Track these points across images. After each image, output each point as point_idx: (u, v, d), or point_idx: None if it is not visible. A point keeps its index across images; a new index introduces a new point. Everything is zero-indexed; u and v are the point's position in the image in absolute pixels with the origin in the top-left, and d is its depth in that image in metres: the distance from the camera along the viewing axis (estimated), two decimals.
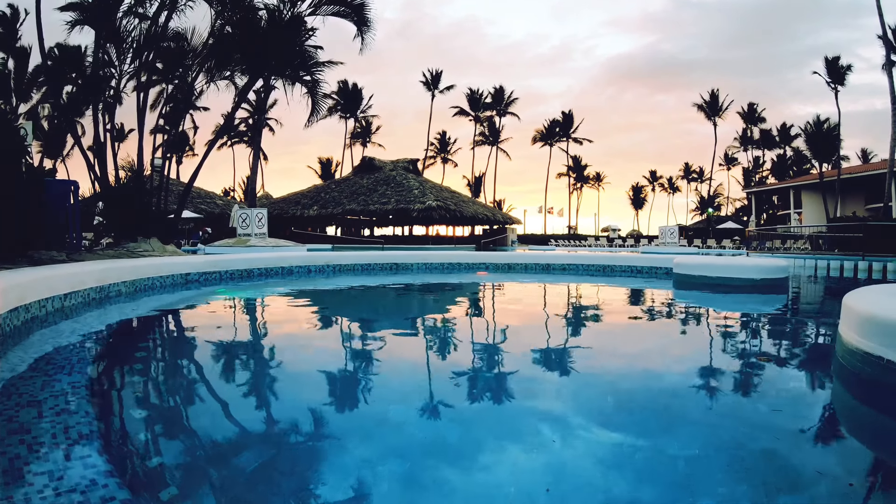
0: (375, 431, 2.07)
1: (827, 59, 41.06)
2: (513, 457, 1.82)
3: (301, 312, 5.78)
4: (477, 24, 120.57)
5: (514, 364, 3.35)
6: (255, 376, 3.02)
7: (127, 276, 5.26)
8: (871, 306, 2.55)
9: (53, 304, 3.89)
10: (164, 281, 5.99)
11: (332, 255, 8.92)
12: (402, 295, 7.66)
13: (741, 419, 2.25)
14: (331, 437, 2.06)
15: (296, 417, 2.27)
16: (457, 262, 9.89)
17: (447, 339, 4.43)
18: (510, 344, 4.09)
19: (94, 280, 4.64)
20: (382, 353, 3.64)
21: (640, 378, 2.97)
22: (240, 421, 2.21)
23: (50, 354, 2.96)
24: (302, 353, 3.65)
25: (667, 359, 3.53)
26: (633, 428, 2.13)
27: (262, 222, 18.40)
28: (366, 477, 1.66)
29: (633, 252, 28.67)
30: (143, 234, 7.41)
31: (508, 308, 6.58)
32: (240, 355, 3.59)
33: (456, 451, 1.92)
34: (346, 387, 2.82)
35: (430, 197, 30.95)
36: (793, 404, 2.50)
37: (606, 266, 9.47)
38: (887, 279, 10.62)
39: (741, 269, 6.52)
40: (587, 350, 3.90)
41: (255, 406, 2.45)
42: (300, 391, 2.68)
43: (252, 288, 7.13)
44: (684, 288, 6.99)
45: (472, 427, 2.17)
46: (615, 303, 6.87)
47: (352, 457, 1.84)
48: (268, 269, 7.83)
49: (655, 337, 4.43)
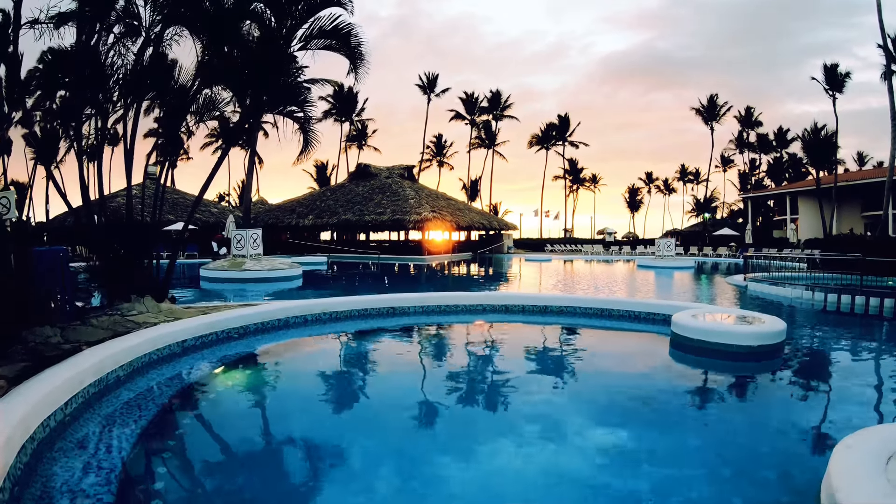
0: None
1: (826, 66, 41.10)
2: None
3: (307, 371, 6.19)
4: (472, 22, 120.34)
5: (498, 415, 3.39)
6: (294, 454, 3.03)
7: (123, 359, 5.23)
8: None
9: (55, 418, 3.86)
10: (160, 353, 5.95)
11: (328, 303, 8.88)
12: (400, 341, 8.09)
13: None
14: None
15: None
16: (454, 304, 9.86)
17: (447, 386, 5.15)
18: (495, 395, 4.59)
19: (92, 373, 4.61)
20: (385, 400, 3.95)
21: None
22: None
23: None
24: (334, 427, 4.14)
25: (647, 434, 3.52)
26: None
27: (256, 243, 18.36)
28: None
29: (632, 258, 28.65)
30: (136, 291, 7.35)
31: (501, 357, 7.18)
32: (259, 430, 3.92)
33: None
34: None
35: (426, 207, 30.90)
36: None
37: (604, 310, 9.46)
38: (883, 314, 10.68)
39: (739, 336, 6.52)
40: (575, 417, 3.93)
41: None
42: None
43: (250, 349, 7.11)
44: (681, 350, 6.99)
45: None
46: (608, 360, 6.94)
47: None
48: (264, 324, 7.81)
49: (641, 412, 4.54)
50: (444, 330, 8.98)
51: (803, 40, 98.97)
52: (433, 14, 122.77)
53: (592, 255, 39.12)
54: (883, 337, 9.18)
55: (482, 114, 59.88)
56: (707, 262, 35.62)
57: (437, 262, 32.21)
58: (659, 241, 27.52)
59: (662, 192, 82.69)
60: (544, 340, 8.44)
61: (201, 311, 7.93)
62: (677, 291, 15.98)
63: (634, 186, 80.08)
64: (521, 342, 8.29)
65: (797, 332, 8.87)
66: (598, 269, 26.90)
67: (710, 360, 6.60)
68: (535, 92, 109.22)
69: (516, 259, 35.44)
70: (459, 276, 23.45)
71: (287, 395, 5.57)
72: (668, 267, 24.85)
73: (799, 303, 12.49)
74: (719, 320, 7.17)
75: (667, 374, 6.39)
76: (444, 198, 39.15)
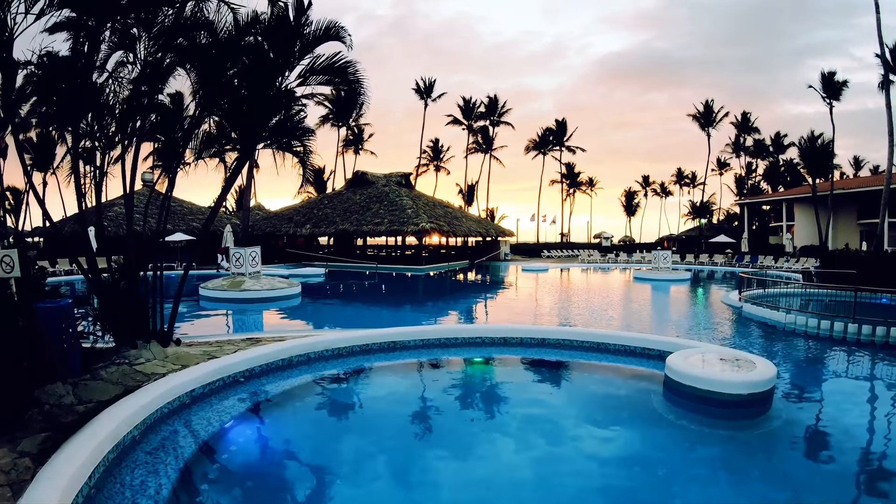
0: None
1: (823, 74, 41.45)
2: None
3: (314, 413, 6.67)
4: (469, 22, 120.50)
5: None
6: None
7: (137, 419, 5.39)
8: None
9: (82, 494, 4.02)
10: (171, 406, 6.12)
11: (330, 339, 9.06)
12: (402, 377, 8.64)
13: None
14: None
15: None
16: (453, 338, 10.05)
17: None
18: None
19: (110, 440, 4.75)
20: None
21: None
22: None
23: None
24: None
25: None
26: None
27: (255, 261, 18.54)
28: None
29: (628, 266, 28.89)
30: (141, 336, 7.52)
31: (495, 397, 7.66)
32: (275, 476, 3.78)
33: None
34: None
35: (424, 218, 31.08)
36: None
37: (600, 343, 9.67)
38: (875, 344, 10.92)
39: (729, 385, 6.73)
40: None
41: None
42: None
43: (257, 391, 7.31)
44: (674, 393, 7.20)
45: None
46: (601, 401, 7.15)
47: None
48: (268, 365, 8.01)
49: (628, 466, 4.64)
50: (443, 367, 9.21)
51: (800, 41, 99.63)
52: (430, 14, 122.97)
53: (589, 262, 39.33)
54: (873, 372, 9.41)
55: (479, 119, 60.10)
56: (703, 270, 35.94)
57: (434, 271, 32.42)
58: (655, 253, 27.78)
59: (659, 196, 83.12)
60: (540, 379, 8.66)
61: (205, 350, 8.11)
62: (673, 316, 16.15)
63: (631, 190, 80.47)
64: (517, 379, 8.53)
65: (789, 373, 9.08)
66: (595, 282, 27.14)
67: (702, 406, 6.81)
68: (532, 92, 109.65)
69: (513, 267, 35.67)
70: (454, 293, 23.67)
71: (298, 437, 5.98)
72: (665, 280, 25.09)
73: (793, 328, 12.72)
74: (711, 365, 7.35)
75: (657, 424, 6.58)
76: (441, 206, 39.34)
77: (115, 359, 6.97)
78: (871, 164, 70.71)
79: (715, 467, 5.35)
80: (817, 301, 15.54)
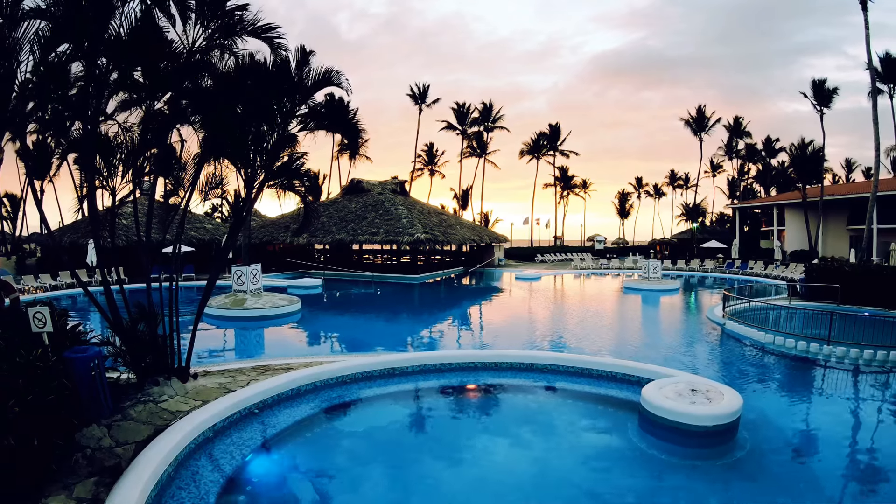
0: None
1: (814, 81, 42.41)
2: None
3: (330, 443, 7.46)
4: (463, 21, 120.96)
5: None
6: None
7: (171, 457, 6.06)
8: None
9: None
10: (196, 441, 6.79)
11: (334, 368, 9.77)
12: (400, 405, 9.27)
13: None
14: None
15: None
16: (448, 363, 10.78)
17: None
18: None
19: (153, 480, 5.42)
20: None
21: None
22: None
23: None
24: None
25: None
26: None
27: (256, 278, 19.18)
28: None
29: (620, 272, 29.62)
30: (161, 372, 8.19)
31: (487, 423, 8.39)
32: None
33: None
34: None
35: (419, 228, 31.79)
36: None
37: (584, 369, 10.41)
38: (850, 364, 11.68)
39: (695, 417, 7.47)
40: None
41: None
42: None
43: (273, 421, 8.04)
44: (648, 423, 7.93)
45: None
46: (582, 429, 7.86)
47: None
48: (279, 395, 8.72)
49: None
50: (436, 392, 9.95)
51: (795, 39, 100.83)
52: (424, 11, 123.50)
53: (582, 269, 40.08)
54: (844, 396, 10.16)
55: (473, 125, 60.80)
56: (694, 276, 36.80)
57: (430, 279, 33.18)
58: (645, 262, 28.61)
59: (652, 197, 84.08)
60: (533, 403, 9.40)
61: (220, 381, 8.81)
62: (657, 335, 16.78)
63: (624, 192, 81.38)
64: (512, 404, 9.28)
65: (760, 400, 9.72)
66: (586, 293, 27.93)
67: (673, 436, 7.55)
68: (525, 91, 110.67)
69: (506, 275, 36.41)
70: (449, 307, 24.37)
71: (310, 463, 6.81)
72: (654, 290, 25.91)
73: (772, 348, 13.50)
74: (682, 397, 8.07)
75: (631, 452, 7.33)
76: (436, 213, 40.04)
77: (139, 396, 7.66)
78: (862, 166, 71.67)
79: (677, 497, 6.09)
80: (801, 317, 16.28)
